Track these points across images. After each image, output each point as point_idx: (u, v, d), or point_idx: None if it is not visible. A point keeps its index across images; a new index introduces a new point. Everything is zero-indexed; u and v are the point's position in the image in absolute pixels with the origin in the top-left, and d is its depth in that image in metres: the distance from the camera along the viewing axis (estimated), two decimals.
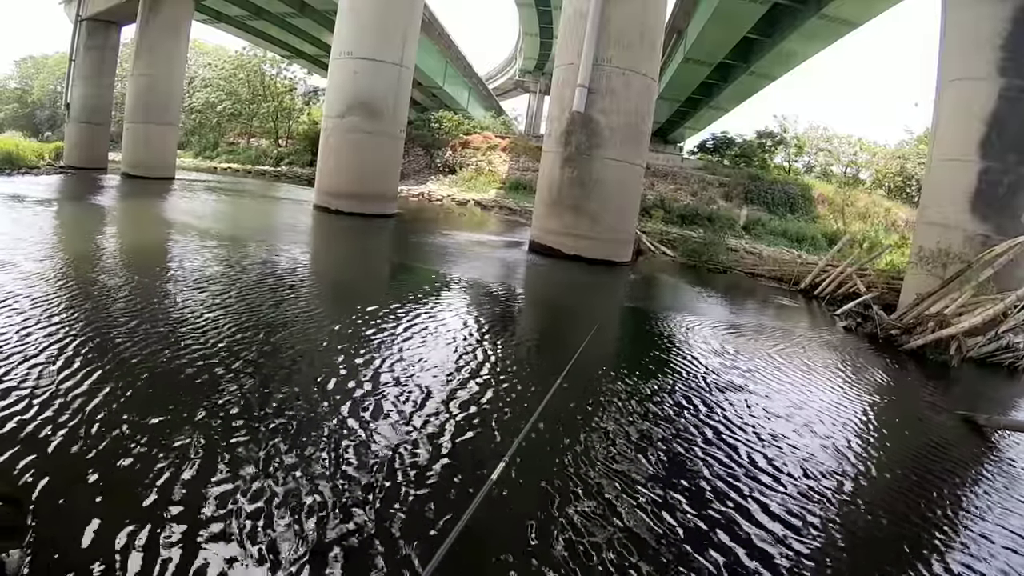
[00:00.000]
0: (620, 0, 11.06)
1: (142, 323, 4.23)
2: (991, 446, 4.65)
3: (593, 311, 7.80)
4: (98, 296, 4.90)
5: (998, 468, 4.28)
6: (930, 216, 9.93)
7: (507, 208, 24.37)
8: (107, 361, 3.48)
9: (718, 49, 25.39)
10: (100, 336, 3.90)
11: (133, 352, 3.65)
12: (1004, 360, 8.14)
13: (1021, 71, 8.99)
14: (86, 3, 23.19)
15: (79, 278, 5.48)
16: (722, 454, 3.55)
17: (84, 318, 4.26)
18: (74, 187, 15.92)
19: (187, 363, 3.57)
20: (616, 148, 11.02)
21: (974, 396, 6.73)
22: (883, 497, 3.42)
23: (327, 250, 10.12)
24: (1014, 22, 9.04)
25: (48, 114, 52.60)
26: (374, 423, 3.09)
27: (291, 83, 41.96)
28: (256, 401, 3.16)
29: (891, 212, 26.88)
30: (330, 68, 15.38)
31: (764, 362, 5.95)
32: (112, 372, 3.32)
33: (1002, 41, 9.07)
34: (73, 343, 3.71)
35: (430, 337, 4.67)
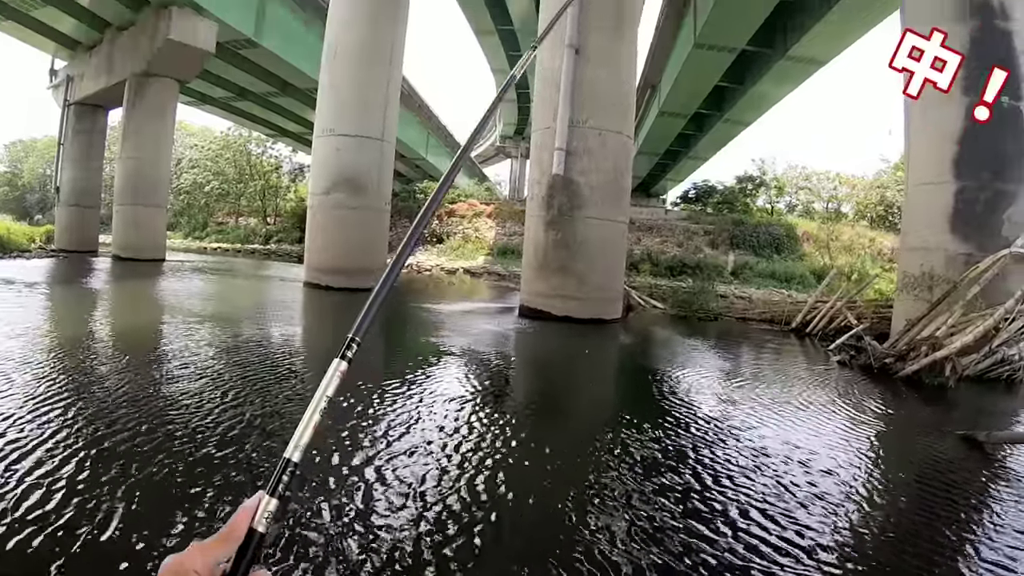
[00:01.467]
0: (592, 63, 11.37)
1: (128, 410, 4.21)
2: (993, 461, 4.67)
3: (586, 372, 7.83)
4: (86, 380, 4.89)
5: (1002, 482, 4.31)
6: (912, 241, 10.04)
7: (496, 274, 24.55)
8: (85, 445, 3.47)
9: (691, 100, 25.97)
10: (83, 421, 3.89)
11: (117, 441, 3.63)
12: (1001, 374, 8.22)
13: None
14: (74, 88, 23.76)
15: (67, 361, 5.51)
16: (731, 492, 3.57)
17: (70, 401, 4.27)
18: (65, 270, 16.04)
19: (173, 446, 3.57)
20: (598, 207, 11.18)
21: (974, 414, 6.75)
22: (891, 522, 3.44)
23: (318, 326, 10.15)
24: (973, 42, 9.30)
25: (38, 197, 53.04)
26: (375, 500, 3.09)
27: (277, 161, 42.55)
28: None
29: (875, 242, 27.21)
30: (314, 145, 15.65)
31: (762, 404, 5.97)
32: (94, 461, 3.31)
33: (965, 62, 9.34)
34: (53, 428, 3.71)
35: (427, 412, 4.67)
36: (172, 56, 19.87)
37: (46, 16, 20.92)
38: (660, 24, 23.53)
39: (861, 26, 18.28)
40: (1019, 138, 9.13)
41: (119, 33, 21.48)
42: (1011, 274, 8.65)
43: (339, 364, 0.77)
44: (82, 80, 23.52)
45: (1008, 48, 9.31)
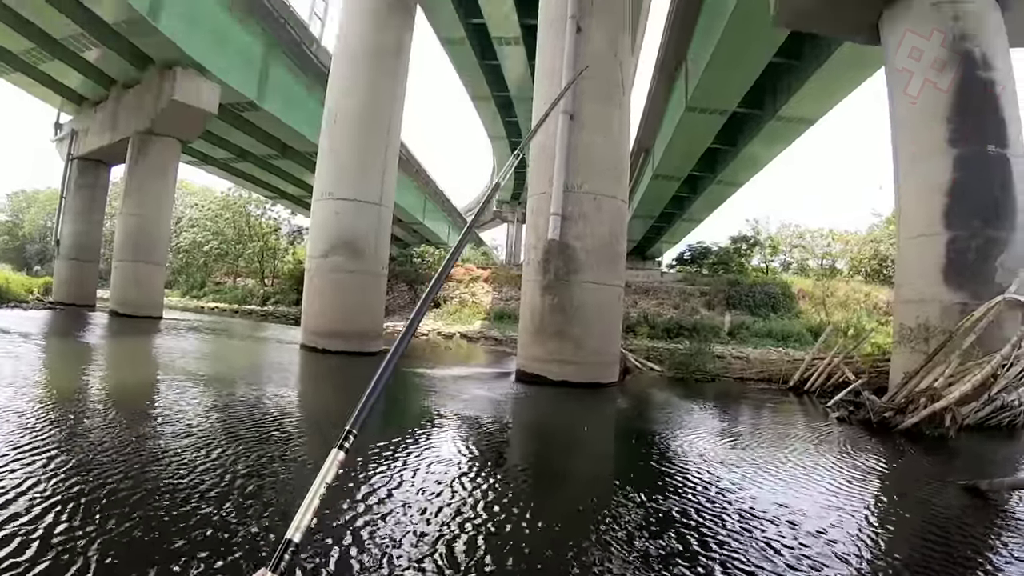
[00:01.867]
0: (586, 129, 11.59)
1: (111, 465, 4.16)
2: (997, 509, 4.64)
3: (583, 438, 7.78)
4: (71, 433, 4.83)
5: (1005, 530, 4.28)
6: (906, 294, 10.14)
7: (492, 339, 24.53)
8: (65, 498, 3.42)
9: (685, 163, 26.42)
10: (64, 474, 3.85)
11: (97, 494, 3.57)
12: (1002, 420, 8.22)
13: (972, 138, 9.43)
14: (78, 142, 24.25)
15: (54, 413, 5.47)
16: (740, 547, 3.56)
17: (53, 453, 4.23)
18: (62, 323, 16.04)
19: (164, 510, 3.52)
20: (594, 271, 11.26)
21: (976, 463, 6.72)
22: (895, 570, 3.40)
23: (315, 390, 10.08)
24: (957, 94, 9.57)
25: (38, 248, 53.48)
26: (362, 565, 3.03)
27: (276, 223, 43.04)
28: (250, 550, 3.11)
29: (871, 296, 27.38)
30: (312, 208, 15.80)
31: (761, 465, 5.89)
32: (72, 513, 3.26)
33: (949, 113, 9.56)
34: (33, 479, 3.68)
35: (419, 479, 4.62)
36: (175, 116, 20.33)
37: (53, 70, 21.47)
38: (652, 89, 24.10)
39: (847, 84, 18.75)
40: (1007, 185, 9.34)
41: (124, 91, 22.04)
42: (1006, 320, 8.75)
43: (337, 454, 0.86)
44: (86, 135, 24.02)
45: (991, 97, 9.60)
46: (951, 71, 9.72)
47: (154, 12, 16.98)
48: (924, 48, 10.10)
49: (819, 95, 19.41)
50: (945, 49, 9.86)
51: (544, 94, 12.17)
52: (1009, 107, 9.66)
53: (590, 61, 11.73)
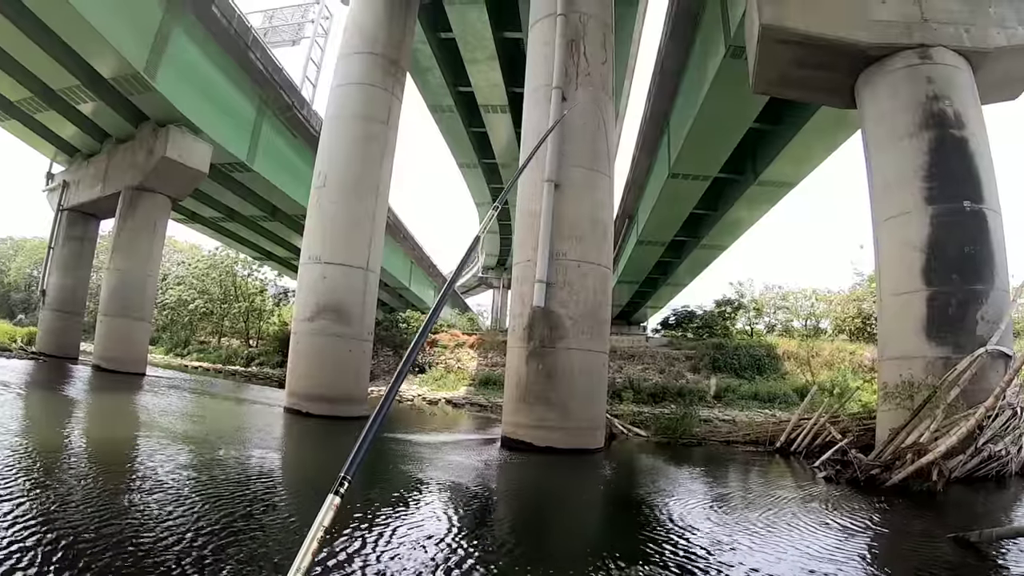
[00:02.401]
0: (570, 198, 11.82)
1: (80, 520, 4.15)
2: (988, 559, 4.68)
3: (569, 506, 7.75)
4: (43, 487, 4.78)
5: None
6: (890, 351, 10.27)
7: (478, 405, 24.45)
8: (31, 550, 3.39)
9: (669, 228, 26.79)
10: (33, 526, 3.81)
11: (64, 548, 3.56)
12: (990, 471, 8.23)
13: (947, 195, 9.72)
14: (68, 194, 24.24)
15: (26, 465, 5.42)
16: None
17: (21, 503, 4.20)
18: (43, 375, 15.88)
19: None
20: (579, 338, 11.33)
21: (965, 515, 6.73)
22: None
23: (297, 455, 9.94)
24: (932, 153, 9.91)
25: (23, 297, 52.95)
26: None
27: (262, 284, 43.02)
28: None
29: (856, 354, 27.47)
30: (299, 271, 15.87)
31: (750, 529, 5.88)
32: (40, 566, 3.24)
33: (925, 172, 9.88)
34: None
35: (403, 550, 4.60)
36: (166, 173, 20.51)
37: (49, 120, 21.60)
38: (636, 156, 24.63)
39: (826, 147, 19.28)
40: (983, 239, 9.61)
41: (117, 145, 22.20)
42: (989, 371, 8.90)
43: (333, 499, 0.90)
44: (78, 187, 24.04)
45: (965, 154, 9.96)
46: (926, 130, 10.11)
47: (151, 70, 17.28)
48: (899, 109, 10.53)
49: (799, 158, 19.91)
50: (919, 109, 10.27)
51: (530, 161, 12.41)
52: (983, 163, 10.03)
53: (575, 130, 12.06)
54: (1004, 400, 8.44)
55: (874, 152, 10.96)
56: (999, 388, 8.30)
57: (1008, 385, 8.39)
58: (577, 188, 11.97)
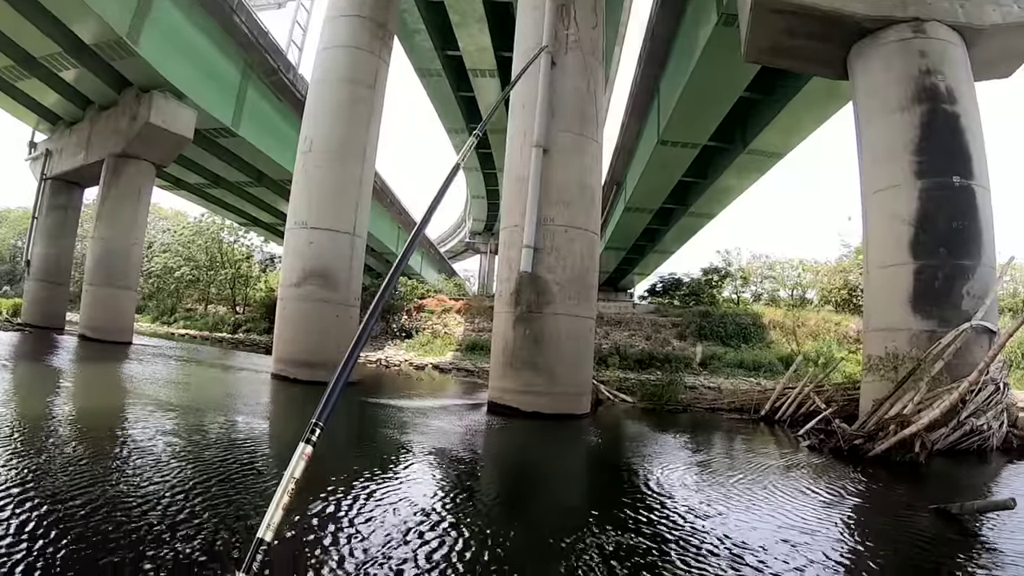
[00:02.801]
0: (559, 163, 11.75)
1: (70, 487, 4.12)
2: (967, 531, 4.75)
3: (556, 470, 7.80)
4: (31, 457, 4.77)
5: (976, 550, 4.39)
6: (875, 323, 10.34)
7: (464, 370, 24.50)
8: (22, 517, 3.38)
9: (656, 195, 26.68)
10: (20, 493, 3.80)
11: (55, 515, 3.53)
12: (972, 445, 8.38)
13: (937, 170, 9.70)
14: (52, 163, 23.90)
15: (14, 436, 5.39)
16: (728, 571, 3.64)
17: (9, 474, 4.20)
18: (30, 346, 15.75)
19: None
20: (565, 303, 11.34)
21: (947, 487, 6.85)
22: None
23: (285, 421, 9.92)
24: (923, 127, 9.88)
25: (7, 268, 52.42)
26: None
27: (248, 250, 42.64)
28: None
29: (841, 325, 27.64)
30: (286, 237, 15.74)
31: (734, 494, 5.97)
32: (32, 532, 3.22)
33: (915, 146, 9.86)
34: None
35: (389, 513, 4.60)
36: (151, 139, 20.20)
37: (30, 88, 21.20)
38: (625, 123, 24.45)
39: (816, 119, 19.19)
40: (972, 215, 9.63)
41: (100, 112, 21.83)
42: (974, 346, 8.97)
43: (303, 448, 0.86)
44: (61, 156, 23.72)
45: (956, 130, 9.93)
46: (918, 104, 10.06)
47: (134, 35, 16.94)
48: (892, 82, 10.47)
49: (789, 128, 19.81)
50: (911, 83, 10.22)
51: (518, 126, 12.31)
52: (974, 139, 10.02)
53: (564, 94, 11.95)
54: (987, 375, 8.52)
55: (865, 124, 10.93)
56: (983, 363, 8.37)
57: (992, 360, 8.45)
58: (565, 153, 11.89)
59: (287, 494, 0.76)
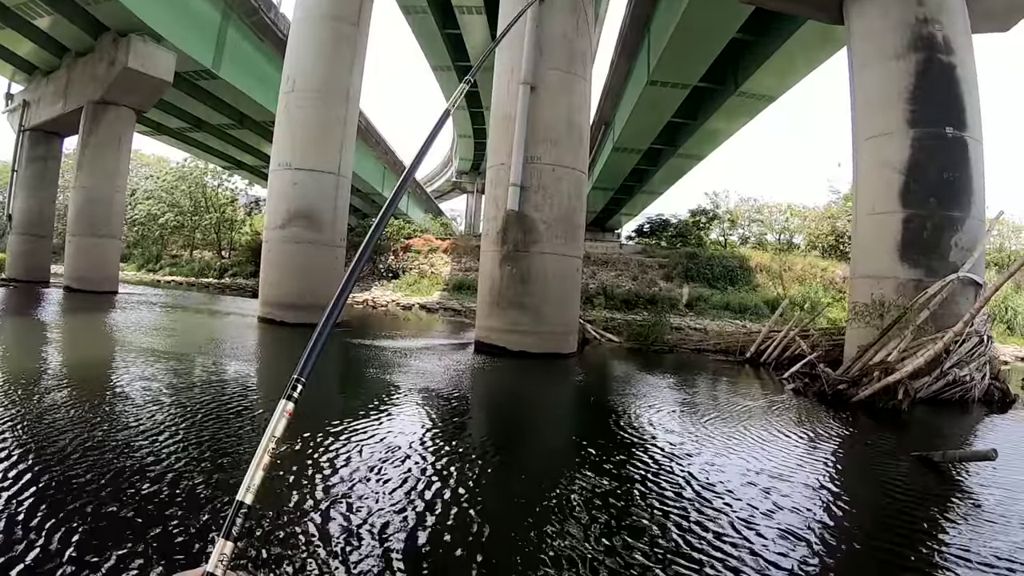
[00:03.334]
0: (546, 101, 11.57)
1: (63, 441, 4.07)
2: (949, 479, 4.82)
3: (543, 409, 7.89)
4: (23, 410, 4.76)
5: (957, 498, 4.46)
6: (862, 270, 10.37)
7: (452, 309, 24.63)
8: (16, 472, 3.39)
9: (645, 136, 26.45)
10: (16, 449, 3.74)
11: (49, 469, 3.47)
12: (954, 395, 8.53)
13: (930, 119, 9.61)
14: (29, 113, 23.38)
15: (9, 395, 5.38)
16: (692, 514, 3.65)
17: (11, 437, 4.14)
18: (15, 301, 15.63)
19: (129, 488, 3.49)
20: (552, 242, 11.32)
21: (928, 435, 6.92)
22: (852, 541, 3.51)
23: (273, 364, 9.95)
24: (918, 75, 9.75)
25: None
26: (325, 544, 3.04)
27: (232, 194, 42.12)
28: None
29: (827, 271, 27.83)
30: (270, 179, 15.54)
31: (720, 434, 6.06)
32: (27, 483, 3.23)
33: (909, 95, 9.73)
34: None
35: (379, 454, 4.63)
36: (129, 85, 19.70)
37: (4, 38, 20.64)
38: (614, 61, 24.04)
39: (809, 63, 18.96)
40: (963, 167, 9.57)
41: (77, 59, 21.25)
42: (960, 297, 9.04)
43: (285, 405, 0.81)
44: (38, 106, 23.19)
45: (951, 80, 9.80)
46: (913, 53, 9.88)
47: None
48: (888, 29, 10.24)
49: (781, 71, 19.58)
50: (908, 31, 10.01)
51: (505, 64, 12.09)
52: (969, 91, 9.87)
53: (553, 31, 11.70)
54: (972, 327, 8.60)
55: (859, 70, 10.74)
56: (969, 315, 8.42)
57: (977, 313, 8.53)
58: (553, 91, 11.70)
59: (267, 454, 0.70)
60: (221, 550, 0.68)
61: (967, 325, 8.41)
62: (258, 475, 0.74)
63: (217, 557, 0.67)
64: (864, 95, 10.60)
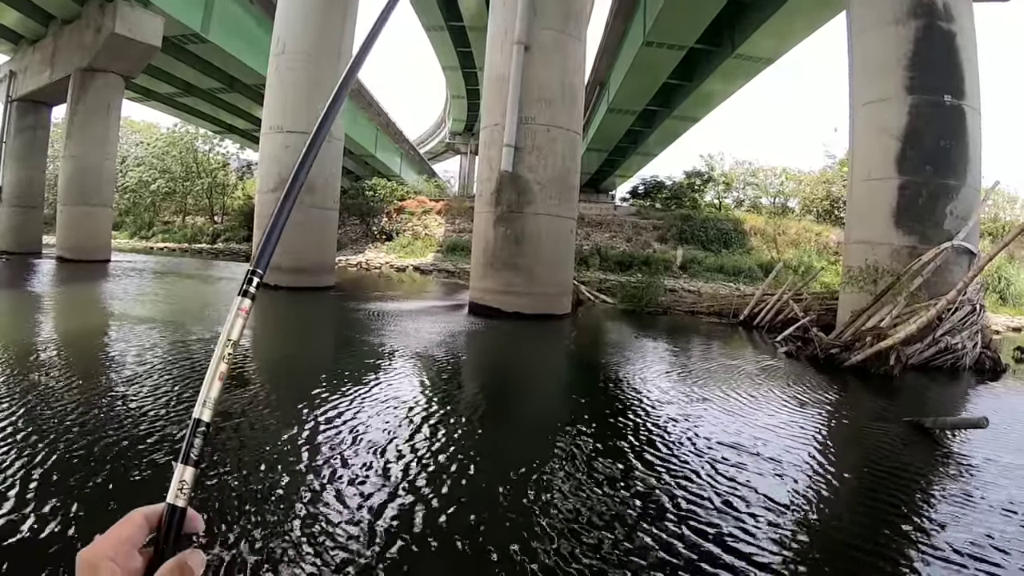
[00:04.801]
0: (541, 61, 11.47)
1: (58, 409, 4.15)
2: (939, 446, 4.87)
3: (537, 370, 7.94)
4: (26, 389, 4.79)
5: (947, 465, 4.52)
6: (856, 235, 10.34)
7: (445, 271, 24.61)
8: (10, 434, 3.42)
9: (640, 97, 26.24)
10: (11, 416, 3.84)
11: (43, 435, 3.54)
12: (945, 362, 8.59)
13: (929, 87, 9.51)
14: (16, 84, 22.98)
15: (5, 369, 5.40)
16: (685, 480, 3.70)
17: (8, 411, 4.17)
18: (7, 273, 15.55)
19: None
20: (546, 203, 11.30)
21: (919, 401, 6.98)
22: (842, 504, 3.61)
23: (266, 329, 9.92)
24: (917, 42, 9.62)
25: None
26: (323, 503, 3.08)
27: (224, 159, 41.67)
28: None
29: (822, 236, 27.78)
30: (261, 143, 15.44)
31: (712, 395, 6.13)
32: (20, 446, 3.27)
33: (908, 61, 9.62)
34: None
35: (374, 416, 4.68)
36: (117, 51, 19.31)
37: None
38: (610, 22, 23.75)
39: (807, 26, 18.74)
40: (960, 135, 9.51)
41: (63, 27, 20.79)
42: (953, 266, 9.05)
43: (240, 302, 0.70)
44: (25, 75, 22.76)
45: (951, 48, 9.67)
46: (913, 19, 9.72)
47: None
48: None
49: (779, 34, 19.34)
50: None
51: (499, 23, 11.95)
52: (968, 60, 9.75)
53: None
54: (965, 296, 8.63)
55: (858, 34, 10.58)
56: (962, 283, 8.44)
57: (971, 281, 8.55)
58: (547, 51, 11.60)
59: (223, 360, 0.67)
60: (180, 477, 0.62)
61: (960, 293, 8.44)
62: (215, 387, 0.66)
63: (176, 485, 0.62)
64: (862, 60, 10.47)
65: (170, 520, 0.61)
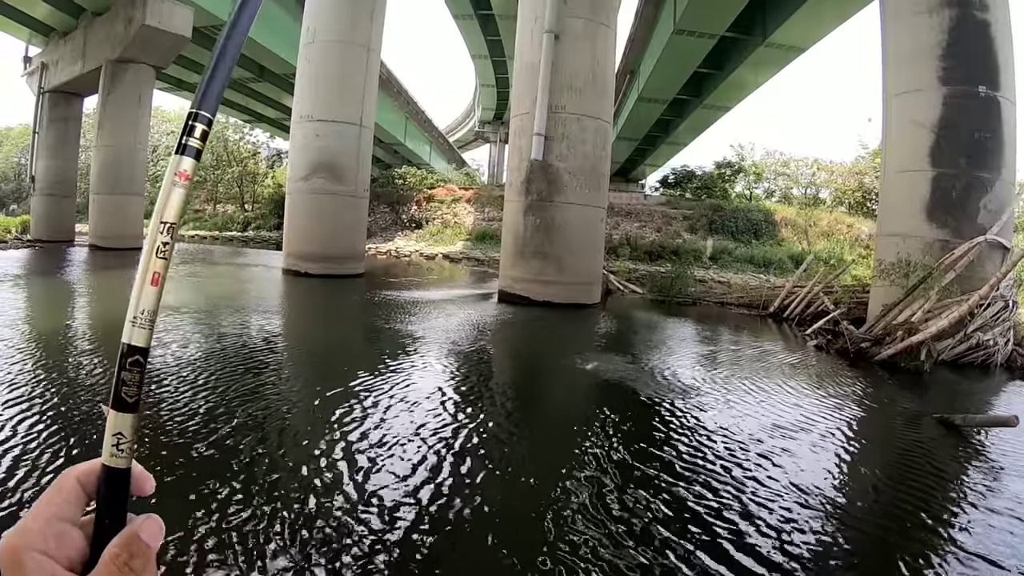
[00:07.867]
0: (571, 49, 11.40)
1: (89, 394, 4.19)
2: (969, 444, 4.79)
3: (567, 359, 7.92)
4: (52, 367, 4.89)
5: (977, 463, 4.45)
6: (889, 228, 10.18)
7: (475, 259, 24.58)
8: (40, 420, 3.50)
9: (670, 86, 25.97)
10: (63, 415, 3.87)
11: (71, 421, 3.61)
12: (976, 359, 8.44)
13: (963, 78, 9.29)
14: (48, 75, 23.26)
15: (35, 349, 5.51)
16: (717, 471, 3.71)
17: (49, 394, 4.25)
18: (42, 261, 15.84)
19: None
20: (576, 192, 11.25)
21: (950, 397, 6.88)
22: (872, 499, 3.58)
23: (297, 316, 10.02)
24: (951, 32, 9.39)
25: (13, 187, 51.87)
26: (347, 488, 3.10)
27: (254, 147, 42.05)
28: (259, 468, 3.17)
29: (853, 228, 27.31)
30: (292, 131, 15.56)
31: (742, 387, 6.09)
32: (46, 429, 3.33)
33: (942, 51, 9.41)
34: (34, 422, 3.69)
35: (408, 402, 4.70)
36: (148, 42, 19.49)
37: (19, 1, 20.42)
38: (640, 10, 23.51)
39: (838, 14, 18.40)
40: (995, 127, 9.28)
41: (94, 19, 21.01)
42: (986, 260, 8.86)
43: (177, 162, 0.52)
44: (57, 67, 23.02)
45: (986, 38, 9.43)
46: (947, 9, 9.47)
47: None
48: None
49: (811, 23, 18.99)
50: None
51: (529, 10, 11.89)
52: (1003, 50, 9.50)
53: None
54: (998, 291, 8.46)
55: (891, 23, 10.34)
56: (995, 278, 8.29)
57: (1004, 277, 8.40)
58: (578, 39, 11.52)
59: (158, 255, 0.49)
60: (114, 428, 0.47)
61: (992, 289, 8.29)
62: (148, 295, 0.50)
63: (111, 441, 0.47)
64: (895, 49, 10.24)
65: (110, 486, 0.47)
